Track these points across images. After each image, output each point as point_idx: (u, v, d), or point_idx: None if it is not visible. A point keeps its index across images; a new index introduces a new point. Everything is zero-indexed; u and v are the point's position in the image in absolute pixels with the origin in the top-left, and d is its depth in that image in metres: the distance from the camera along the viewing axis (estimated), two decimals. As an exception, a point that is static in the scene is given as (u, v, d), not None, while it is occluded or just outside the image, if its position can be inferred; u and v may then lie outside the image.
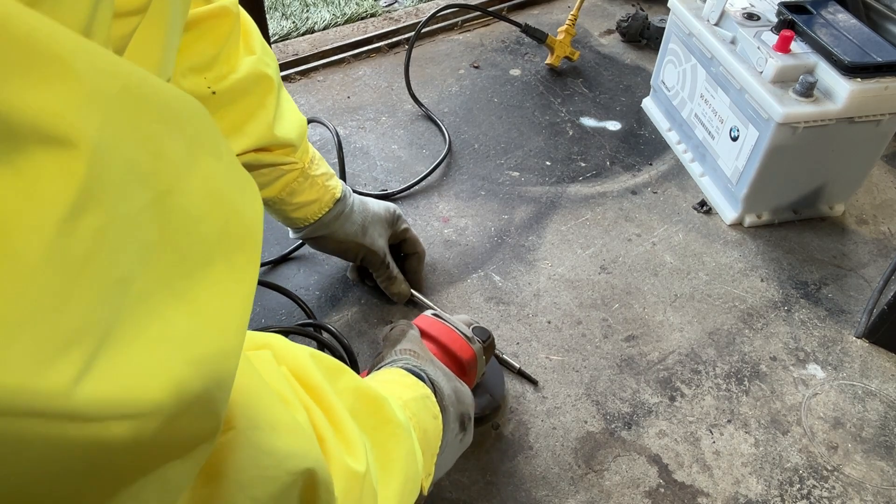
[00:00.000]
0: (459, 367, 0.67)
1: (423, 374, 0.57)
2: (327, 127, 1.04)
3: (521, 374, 0.81)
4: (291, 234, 0.84)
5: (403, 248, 0.89)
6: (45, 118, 0.14)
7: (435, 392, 0.57)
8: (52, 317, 0.15)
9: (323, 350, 0.79)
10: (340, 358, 0.76)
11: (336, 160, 1.02)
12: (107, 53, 0.17)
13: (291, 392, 0.36)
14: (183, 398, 0.19)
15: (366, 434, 0.43)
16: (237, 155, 0.68)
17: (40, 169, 0.14)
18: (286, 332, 0.78)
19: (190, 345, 0.19)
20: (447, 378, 0.60)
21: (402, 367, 0.58)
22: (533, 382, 0.81)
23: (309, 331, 0.77)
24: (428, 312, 0.72)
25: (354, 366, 0.77)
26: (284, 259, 0.95)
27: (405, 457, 0.46)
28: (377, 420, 0.45)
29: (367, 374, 0.61)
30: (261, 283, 0.87)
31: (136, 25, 0.26)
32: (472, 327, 0.71)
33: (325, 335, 0.78)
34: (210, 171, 0.21)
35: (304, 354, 0.40)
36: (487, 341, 0.71)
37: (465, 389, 0.63)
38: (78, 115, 0.15)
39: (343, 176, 1.01)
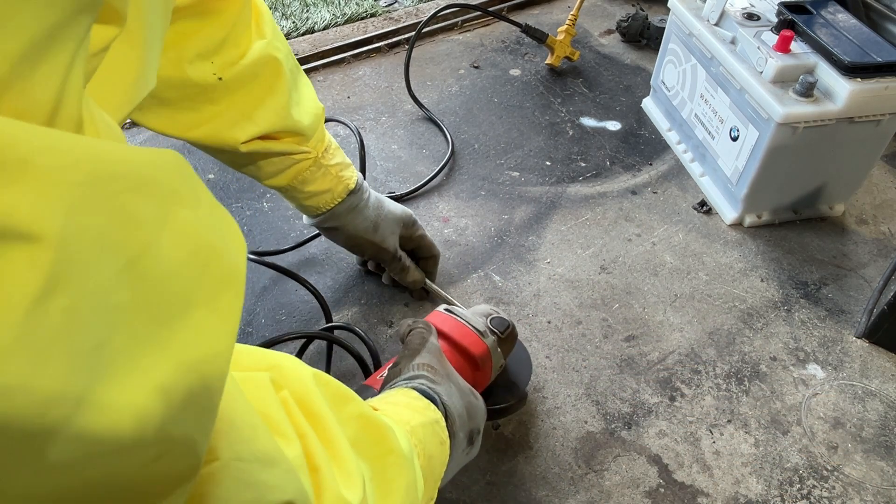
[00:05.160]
0: (472, 362, 0.66)
1: (436, 398, 0.57)
2: (348, 126, 1.04)
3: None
4: (305, 220, 0.83)
5: (420, 252, 0.88)
6: (9, 218, 0.15)
7: (447, 416, 0.56)
8: (24, 391, 0.16)
9: (329, 362, 0.80)
10: (360, 359, 0.76)
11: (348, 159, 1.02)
12: (74, 141, 0.17)
13: (286, 419, 0.36)
14: (161, 436, 0.20)
15: (367, 463, 0.43)
16: (244, 143, 0.67)
17: (6, 264, 0.15)
18: (312, 337, 0.79)
19: (170, 388, 0.20)
20: (461, 394, 0.59)
21: (415, 388, 0.57)
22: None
23: (332, 335, 0.77)
24: (441, 307, 0.71)
25: (377, 368, 0.77)
26: (279, 266, 0.95)
27: (405, 488, 0.45)
28: (380, 450, 0.44)
29: (381, 384, 0.61)
30: (286, 272, 0.87)
31: (104, 56, 0.26)
32: (490, 318, 0.70)
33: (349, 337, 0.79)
34: (185, 222, 0.21)
35: (310, 380, 0.40)
36: (506, 332, 0.70)
37: (479, 403, 0.62)
38: (43, 210, 0.16)
39: (363, 176, 1.01)
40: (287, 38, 1.37)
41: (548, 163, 1.12)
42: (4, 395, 0.16)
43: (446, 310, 0.70)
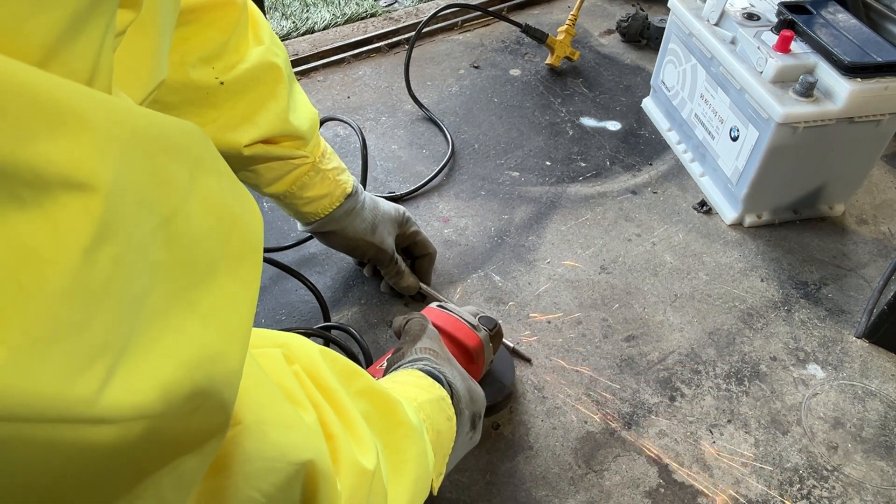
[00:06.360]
0: (466, 354, 0.68)
1: (441, 377, 0.58)
2: (350, 125, 1.04)
3: (514, 353, 0.83)
4: (300, 228, 0.83)
5: (415, 250, 0.89)
6: (69, 168, 0.16)
7: (452, 394, 0.57)
8: (78, 336, 0.17)
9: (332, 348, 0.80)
10: (355, 358, 0.77)
11: (346, 159, 1.02)
12: (117, 101, 0.19)
13: (300, 389, 0.37)
14: (194, 391, 0.21)
15: (378, 436, 0.44)
16: (246, 146, 0.68)
17: (65, 211, 0.16)
18: (308, 335, 0.79)
19: (200, 350, 0.21)
20: (463, 378, 0.61)
21: (420, 369, 0.58)
22: (527, 360, 0.82)
23: (329, 334, 0.78)
24: (434, 304, 0.73)
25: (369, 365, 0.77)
26: (280, 262, 0.94)
27: (416, 458, 0.46)
28: (390, 422, 0.45)
29: (384, 370, 0.61)
30: (287, 269, 0.87)
31: (121, 41, 0.27)
32: (478, 317, 0.72)
33: (342, 336, 0.79)
34: (210, 189, 0.23)
35: (318, 356, 0.41)
36: (494, 329, 0.72)
37: (478, 389, 0.63)
38: (96, 161, 0.17)
39: (364, 175, 1.01)
40: (287, 39, 1.37)
41: (548, 163, 1.12)
42: (59, 341, 0.16)
43: (439, 306, 0.72)
